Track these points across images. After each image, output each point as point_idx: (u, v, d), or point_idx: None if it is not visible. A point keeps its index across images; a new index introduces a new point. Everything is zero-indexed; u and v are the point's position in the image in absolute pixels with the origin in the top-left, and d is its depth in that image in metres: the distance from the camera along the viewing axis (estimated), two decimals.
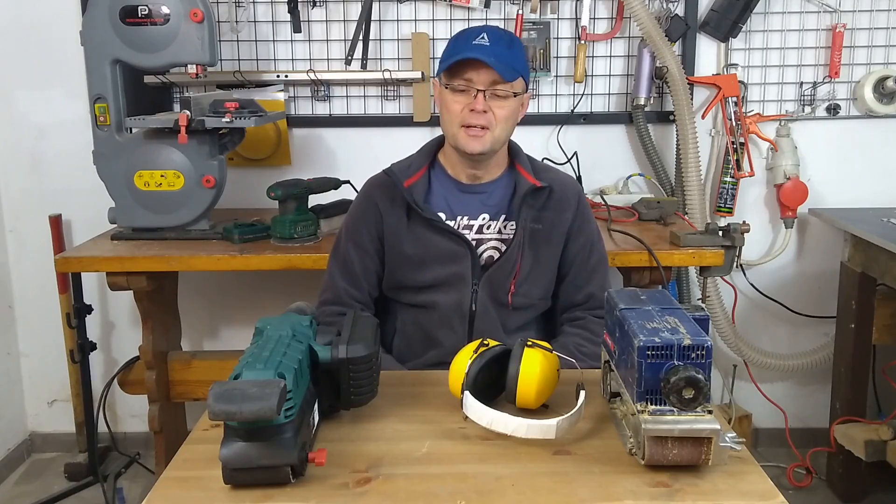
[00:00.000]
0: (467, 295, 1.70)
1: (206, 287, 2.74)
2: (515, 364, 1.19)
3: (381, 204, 1.73)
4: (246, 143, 2.42)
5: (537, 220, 1.71)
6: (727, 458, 1.04)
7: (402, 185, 1.69)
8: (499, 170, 1.75)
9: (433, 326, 1.73)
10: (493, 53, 1.59)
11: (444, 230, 1.69)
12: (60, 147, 2.64)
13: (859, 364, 2.46)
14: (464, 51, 1.61)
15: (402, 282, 1.75)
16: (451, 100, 1.65)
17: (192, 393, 2.40)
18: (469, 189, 1.74)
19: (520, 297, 1.71)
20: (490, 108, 1.62)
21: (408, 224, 1.71)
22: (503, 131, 1.67)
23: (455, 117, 1.64)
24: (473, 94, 1.62)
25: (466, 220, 1.73)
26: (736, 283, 2.71)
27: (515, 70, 1.63)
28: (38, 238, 2.68)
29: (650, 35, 2.44)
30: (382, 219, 1.73)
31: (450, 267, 1.69)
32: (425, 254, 1.70)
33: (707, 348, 1.01)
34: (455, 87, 1.63)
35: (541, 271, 1.73)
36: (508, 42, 1.65)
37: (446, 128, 1.69)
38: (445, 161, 1.76)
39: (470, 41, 1.62)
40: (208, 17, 2.10)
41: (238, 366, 1.04)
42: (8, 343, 2.78)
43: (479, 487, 1.02)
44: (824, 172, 2.66)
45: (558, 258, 1.75)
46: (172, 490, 1.03)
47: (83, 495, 2.61)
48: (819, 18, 2.56)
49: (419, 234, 1.70)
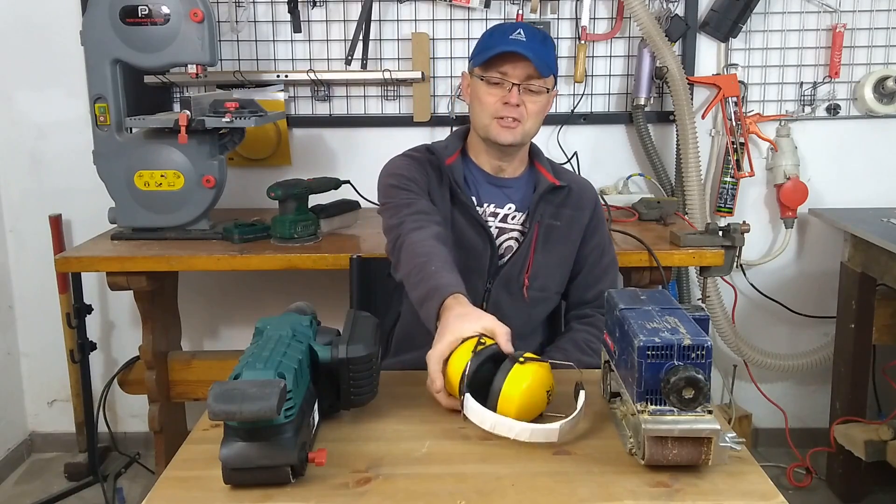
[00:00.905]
0: (480, 289, 1.69)
1: (206, 287, 2.74)
2: (500, 379, 1.15)
3: (430, 172, 1.72)
4: (246, 143, 2.42)
5: (555, 216, 1.72)
6: (727, 458, 1.04)
7: (445, 163, 1.70)
8: (521, 166, 1.77)
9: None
10: (530, 48, 1.61)
11: (472, 217, 1.69)
12: (60, 147, 2.65)
13: (859, 364, 2.46)
14: (501, 44, 1.62)
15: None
16: (485, 91, 1.66)
17: (192, 393, 2.40)
18: (494, 181, 1.75)
19: (535, 291, 1.72)
20: (523, 102, 1.64)
21: (445, 199, 1.69)
22: (534, 125, 1.69)
23: (488, 108, 1.66)
24: (508, 87, 1.63)
25: (493, 207, 1.74)
26: (736, 283, 2.71)
27: (549, 66, 1.65)
28: (38, 238, 2.68)
29: (650, 35, 2.44)
30: (430, 185, 1.70)
31: (468, 257, 1.68)
32: (453, 237, 1.68)
33: (707, 348, 1.01)
34: (490, 80, 1.65)
35: (556, 267, 1.74)
36: (543, 39, 1.66)
37: (477, 119, 1.70)
38: (472, 151, 1.77)
39: (507, 35, 1.63)
40: (208, 17, 2.10)
41: (238, 366, 1.04)
42: (8, 343, 2.78)
43: (479, 487, 1.02)
44: (824, 172, 2.66)
45: (574, 255, 1.76)
46: (172, 490, 1.03)
47: (83, 495, 2.61)
48: (819, 18, 2.56)
49: (450, 213, 1.69)
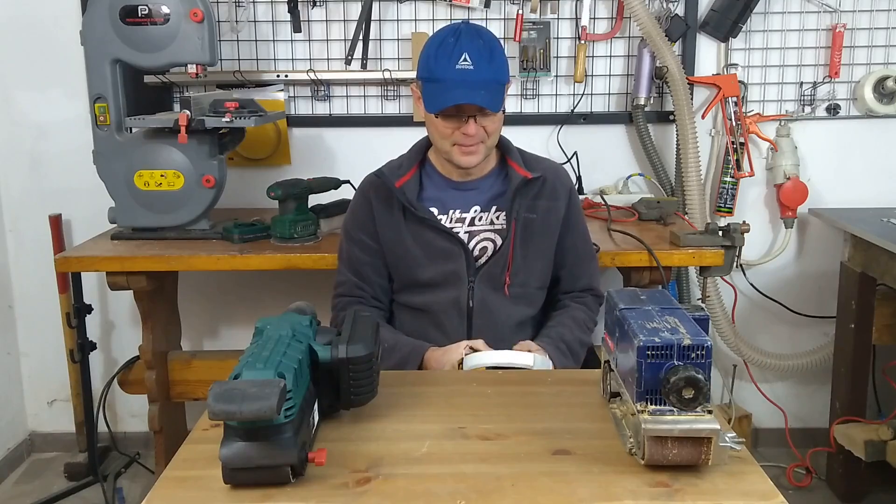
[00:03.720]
0: (464, 292, 1.71)
1: (206, 287, 2.74)
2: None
3: (375, 204, 1.75)
4: (246, 142, 2.42)
5: (532, 209, 1.73)
6: (727, 458, 1.04)
7: (394, 185, 1.70)
8: (489, 165, 1.77)
9: (431, 325, 1.74)
10: (480, 82, 1.58)
11: (438, 229, 1.71)
12: (60, 147, 2.64)
13: (859, 364, 2.46)
14: (449, 85, 1.58)
15: (401, 280, 1.77)
16: (440, 124, 1.64)
17: (192, 393, 2.40)
18: (461, 186, 1.76)
19: (516, 288, 1.73)
20: (482, 126, 1.63)
21: (404, 223, 1.72)
22: (495, 140, 1.71)
23: (447, 138, 1.65)
24: (464, 118, 1.62)
25: (458, 213, 1.75)
26: (736, 283, 2.71)
27: (501, 85, 1.63)
28: (38, 238, 2.67)
29: (650, 35, 2.44)
30: (376, 219, 1.75)
31: (445, 265, 1.71)
32: (421, 252, 1.72)
33: (707, 348, 1.01)
34: (446, 115, 1.62)
35: (536, 260, 1.75)
36: (489, 55, 1.61)
37: (436, 143, 1.70)
38: (436, 160, 1.78)
39: (452, 65, 1.58)
40: (208, 16, 2.10)
41: (238, 366, 1.04)
42: (8, 343, 2.78)
43: (478, 487, 1.02)
44: (824, 172, 2.66)
45: (554, 247, 1.77)
46: (172, 490, 1.03)
47: (83, 495, 2.61)
48: (819, 18, 2.56)
49: (415, 232, 1.72)
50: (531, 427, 1.18)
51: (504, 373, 1.45)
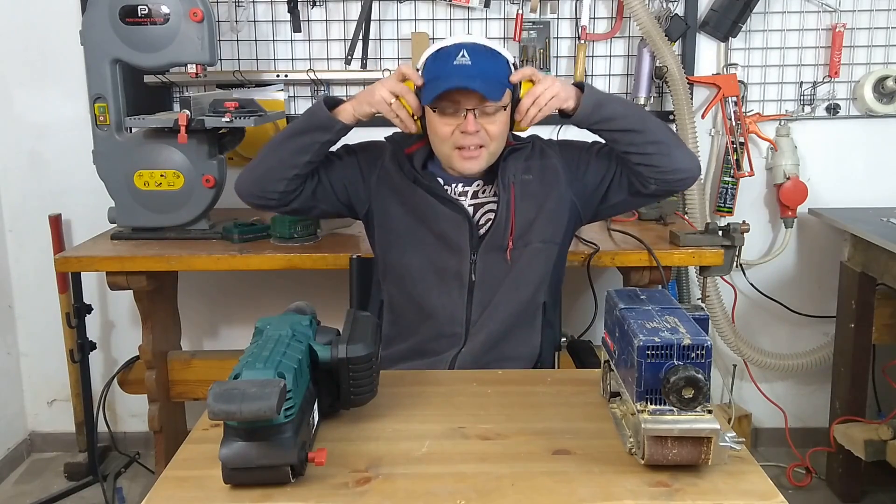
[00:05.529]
0: (466, 264, 1.67)
1: (206, 287, 2.74)
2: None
3: (388, 158, 1.73)
4: (246, 142, 2.41)
5: (527, 170, 1.70)
6: (727, 458, 1.05)
7: (404, 151, 1.70)
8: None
9: (429, 296, 1.68)
10: (477, 72, 1.56)
11: (443, 197, 1.68)
12: (60, 147, 2.64)
13: (859, 364, 2.46)
14: (445, 76, 1.56)
15: (401, 247, 1.71)
16: (439, 122, 1.61)
17: (192, 392, 2.40)
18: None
19: (518, 250, 1.67)
20: (482, 126, 1.60)
21: (410, 186, 1.69)
22: (499, 146, 1.66)
23: (447, 140, 1.62)
24: (463, 114, 1.59)
25: (461, 186, 1.72)
26: (736, 283, 2.71)
27: (501, 84, 1.60)
28: (38, 238, 2.67)
29: (650, 35, 2.44)
30: (379, 170, 1.73)
31: (448, 234, 1.67)
32: (424, 218, 1.68)
33: (707, 348, 1.01)
34: (443, 110, 1.60)
35: (543, 216, 1.70)
36: (488, 53, 1.61)
37: (437, 148, 1.67)
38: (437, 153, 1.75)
39: (450, 61, 1.57)
40: (208, 16, 2.10)
41: (238, 365, 1.04)
42: (8, 343, 2.78)
43: (478, 487, 1.02)
44: (824, 172, 2.66)
45: (563, 198, 1.72)
46: (172, 490, 1.03)
47: (83, 495, 2.61)
48: (819, 18, 2.56)
49: (419, 198, 1.68)
50: (531, 427, 1.18)
51: (504, 373, 1.45)
